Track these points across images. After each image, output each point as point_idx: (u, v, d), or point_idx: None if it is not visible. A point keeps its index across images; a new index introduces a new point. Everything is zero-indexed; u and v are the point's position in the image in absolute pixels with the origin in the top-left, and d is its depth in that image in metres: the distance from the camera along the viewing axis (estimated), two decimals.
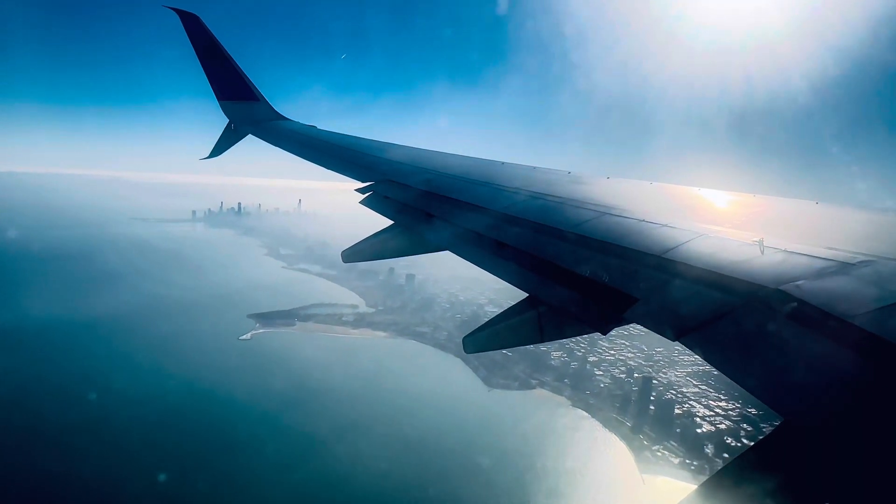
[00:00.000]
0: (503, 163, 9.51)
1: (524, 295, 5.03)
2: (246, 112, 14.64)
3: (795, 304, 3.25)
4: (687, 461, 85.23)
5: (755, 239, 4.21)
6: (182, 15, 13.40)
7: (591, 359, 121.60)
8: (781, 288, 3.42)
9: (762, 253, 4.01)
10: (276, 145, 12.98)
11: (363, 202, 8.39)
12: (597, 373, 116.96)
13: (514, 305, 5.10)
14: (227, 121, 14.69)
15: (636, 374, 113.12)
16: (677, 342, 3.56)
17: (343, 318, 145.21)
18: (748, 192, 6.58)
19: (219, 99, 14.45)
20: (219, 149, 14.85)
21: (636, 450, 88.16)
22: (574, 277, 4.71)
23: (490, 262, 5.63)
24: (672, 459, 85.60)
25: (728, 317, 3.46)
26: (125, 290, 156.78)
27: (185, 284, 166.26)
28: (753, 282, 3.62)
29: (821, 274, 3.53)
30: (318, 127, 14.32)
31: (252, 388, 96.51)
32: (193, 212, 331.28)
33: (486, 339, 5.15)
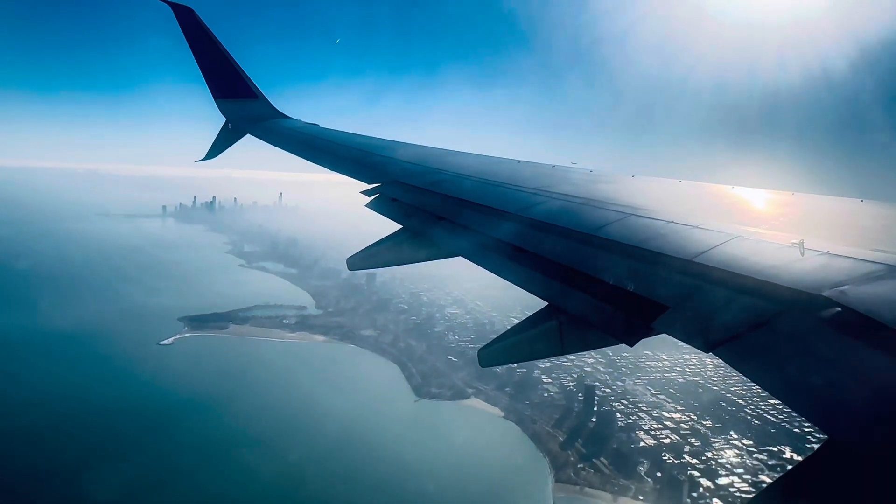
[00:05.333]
0: (520, 161, 9.68)
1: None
2: (244, 110, 14.85)
3: (840, 311, 3.23)
4: (613, 481, 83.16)
5: (794, 241, 4.24)
6: (175, 8, 13.47)
7: (542, 364, 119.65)
8: (825, 294, 3.41)
9: (802, 256, 4.03)
10: (276, 146, 13.11)
11: (369, 205, 8.44)
12: (544, 380, 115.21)
13: (532, 315, 5.16)
14: (221, 115, 14.89)
15: (586, 382, 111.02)
16: (710, 353, 3.59)
17: (284, 321, 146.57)
18: (786, 189, 6.68)
19: (215, 97, 14.68)
20: (216, 149, 15.04)
21: (560, 467, 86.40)
22: (598, 284, 4.77)
23: (506, 269, 5.68)
24: (594, 479, 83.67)
25: (767, 326, 3.46)
26: (62, 289, 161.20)
27: (128, 284, 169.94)
28: (793, 287, 3.60)
29: (867, 278, 3.53)
30: (321, 125, 14.45)
31: (147, 396, 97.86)
32: (164, 207, 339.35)
33: (502, 351, 5.20)
